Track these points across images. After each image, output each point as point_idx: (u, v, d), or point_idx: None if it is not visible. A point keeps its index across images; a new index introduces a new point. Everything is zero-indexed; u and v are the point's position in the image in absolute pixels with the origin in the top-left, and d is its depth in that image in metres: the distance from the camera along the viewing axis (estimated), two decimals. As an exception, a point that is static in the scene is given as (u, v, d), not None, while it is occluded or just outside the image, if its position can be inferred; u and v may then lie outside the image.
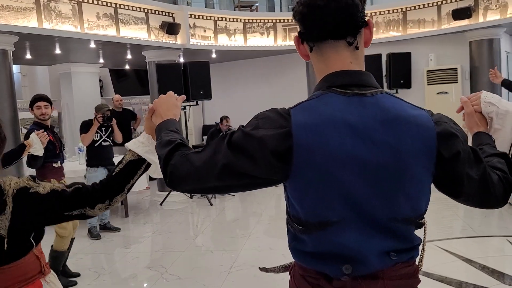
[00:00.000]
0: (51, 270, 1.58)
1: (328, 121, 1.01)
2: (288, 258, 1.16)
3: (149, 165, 1.47)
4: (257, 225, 5.85)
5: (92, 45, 6.48)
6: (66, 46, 6.61)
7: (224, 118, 8.14)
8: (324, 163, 1.00)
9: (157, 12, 7.07)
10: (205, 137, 8.96)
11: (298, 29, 1.14)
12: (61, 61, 8.12)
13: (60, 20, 5.80)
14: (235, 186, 1.09)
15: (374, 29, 7.46)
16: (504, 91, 5.73)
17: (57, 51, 6.80)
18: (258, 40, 8.28)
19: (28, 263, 1.44)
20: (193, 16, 7.55)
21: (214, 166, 1.06)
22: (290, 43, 8.41)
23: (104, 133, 5.43)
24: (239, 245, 4.91)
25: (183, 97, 1.48)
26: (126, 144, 1.46)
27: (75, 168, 5.79)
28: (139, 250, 5.06)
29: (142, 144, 1.44)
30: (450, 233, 4.98)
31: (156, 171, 1.45)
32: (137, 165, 1.45)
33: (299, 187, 1.04)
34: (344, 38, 1.06)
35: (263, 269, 1.36)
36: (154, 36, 7.01)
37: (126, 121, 7.75)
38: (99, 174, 5.24)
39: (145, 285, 4.06)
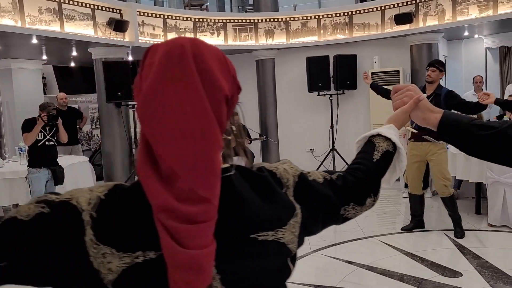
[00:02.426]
0: None
1: None
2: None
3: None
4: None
5: (34, 40, 6.21)
6: (5, 41, 6.29)
7: (174, 118, 8.06)
8: None
9: (103, 8, 6.88)
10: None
11: None
12: (0, 57, 7.71)
13: (-1, 14, 5.52)
14: None
15: (322, 31, 7.55)
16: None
17: (-4, 46, 6.47)
18: (208, 40, 8.26)
19: None
20: (141, 14, 7.41)
21: None
22: (240, 43, 8.46)
23: (48, 132, 5.22)
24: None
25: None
26: (379, 130, 1.13)
27: (15, 168, 5.52)
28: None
29: (398, 139, 1.12)
30: (392, 228, 5.22)
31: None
32: (390, 160, 1.09)
33: None
34: None
35: None
36: (101, 32, 6.82)
37: (71, 120, 7.52)
38: (42, 175, 5.03)
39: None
